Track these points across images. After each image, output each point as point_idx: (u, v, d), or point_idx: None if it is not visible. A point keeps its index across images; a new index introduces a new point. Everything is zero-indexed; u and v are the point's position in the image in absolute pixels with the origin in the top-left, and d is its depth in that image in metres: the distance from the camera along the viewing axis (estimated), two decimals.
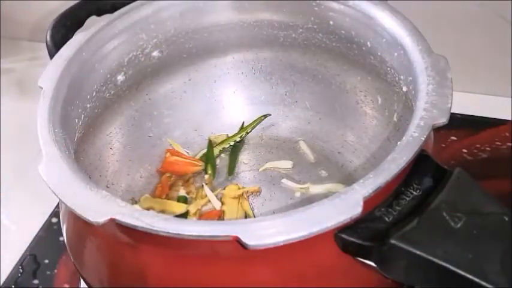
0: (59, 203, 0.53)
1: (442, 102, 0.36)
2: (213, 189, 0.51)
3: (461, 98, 0.45)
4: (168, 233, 0.31)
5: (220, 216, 0.49)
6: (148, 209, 0.47)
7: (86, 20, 0.52)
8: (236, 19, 0.52)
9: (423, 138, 0.34)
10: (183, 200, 0.50)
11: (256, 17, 0.52)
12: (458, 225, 0.31)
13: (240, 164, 0.54)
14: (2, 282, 0.52)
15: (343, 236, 0.32)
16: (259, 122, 0.55)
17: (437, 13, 0.61)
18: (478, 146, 0.59)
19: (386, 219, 0.33)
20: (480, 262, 0.30)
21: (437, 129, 0.36)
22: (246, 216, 0.49)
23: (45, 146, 0.37)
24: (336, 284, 0.34)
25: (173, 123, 0.55)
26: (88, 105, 0.46)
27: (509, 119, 0.61)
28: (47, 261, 0.54)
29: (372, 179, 0.32)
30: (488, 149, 0.58)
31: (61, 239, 0.55)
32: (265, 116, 0.55)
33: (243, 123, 0.56)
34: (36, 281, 0.52)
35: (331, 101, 0.54)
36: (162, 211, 0.48)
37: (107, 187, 0.48)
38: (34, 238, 0.56)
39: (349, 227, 0.32)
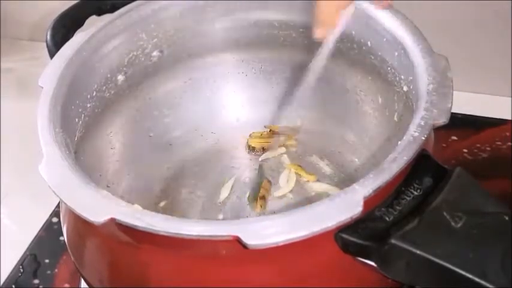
0: (59, 202, 0.53)
1: (442, 102, 0.36)
2: None
3: (461, 98, 0.45)
4: (169, 232, 0.31)
5: None
6: None
7: (86, 20, 0.52)
8: (236, 19, 0.52)
9: (424, 138, 0.34)
10: None
11: (256, 17, 0.52)
12: (459, 224, 0.31)
13: (241, 165, 0.54)
14: (2, 282, 0.52)
15: (344, 235, 0.32)
16: None
17: (438, 13, 0.61)
18: (478, 145, 0.59)
19: (387, 219, 0.33)
20: (480, 262, 0.30)
21: (437, 129, 0.36)
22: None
23: (46, 146, 0.37)
24: (336, 284, 0.34)
25: (173, 123, 0.55)
26: (88, 105, 0.46)
27: (510, 118, 0.61)
28: (47, 260, 0.54)
29: (372, 179, 0.32)
30: (488, 148, 0.58)
31: (61, 238, 0.55)
32: None
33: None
34: (36, 281, 0.52)
35: (331, 101, 0.54)
36: None
37: (107, 187, 0.48)
38: (34, 238, 0.56)
39: (350, 227, 0.32)
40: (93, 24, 0.47)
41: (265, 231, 0.30)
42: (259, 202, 0.50)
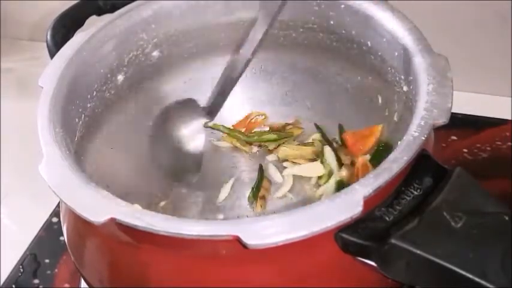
0: (59, 202, 0.53)
1: (442, 102, 0.36)
2: None
3: (461, 98, 0.45)
4: (169, 232, 0.31)
5: None
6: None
7: (86, 20, 0.52)
8: (236, 19, 0.52)
9: (424, 138, 0.34)
10: None
11: (256, 16, 0.52)
12: (459, 224, 0.31)
13: (241, 164, 0.54)
14: (2, 282, 0.52)
15: (344, 235, 0.32)
16: None
17: (437, 13, 0.61)
18: (478, 145, 0.59)
19: (387, 218, 0.33)
20: (480, 262, 0.30)
21: (437, 129, 0.36)
22: None
23: (46, 146, 0.37)
24: (336, 284, 0.34)
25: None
26: (88, 105, 0.46)
27: (510, 118, 0.61)
28: (47, 260, 0.54)
29: (372, 179, 0.32)
30: (488, 148, 0.58)
31: (61, 238, 0.55)
32: None
33: None
34: (36, 281, 0.52)
35: (331, 101, 0.54)
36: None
37: (107, 187, 0.48)
38: (34, 238, 0.56)
39: (350, 227, 0.32)
40: (93, 24, 0.47)
41: (265, 231, 0.30)
42: (259, 202, 0.50)
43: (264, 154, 0.55)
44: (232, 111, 0.56)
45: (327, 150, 0.52)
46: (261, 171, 0.52)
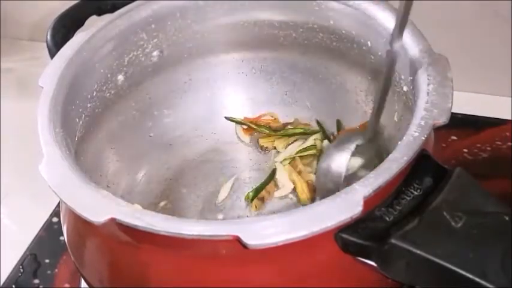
0: (59, 202, 0.53)
1: (442, 102, 0.36)
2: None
3: (461, 98, 0.45)
4: (169, 232, 0.31)
5: None
6: None
7: (86, 20, 0.52)
8: (236, 19, 0.52)
9: (424, 138, 0.34)
10: None
11: (256, 17, 0.52)
12: (459, 224, 0.31)
13: (241, 165, 0.54)
14: (2, 282, 0.52)
15: (344, 235, 0.32)
16: None
17: (437, 13, 0.61)
18: (478, 145, 0.59)
19: (387, 218, 0.33)
20: (480, 262, 0.30)
21: (437, 129, 0.36)
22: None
23: (46, 146, 0.37)
24: (336, 284, 0.34)
25: (173, 123, 0.55)
26: (88, 105, 0.46)
27: (510, 118, 0.61)
28: (47, 260, 0.54)
29: (372, 179, 0.32)
30: (488, 148, 0.58)
31: (61, 238, 0.55)
32: None
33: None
34: (36, 281, 0.52)
35: (331, 101, 0.54)
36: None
37: (107, 187, 0.48)
38: (34, 238, 0.56)
39: (350, 227, 0.32)
40: (93, 24, 0.47)
41: (265, 231, 0.30)
42: (255, 202, 0.49)
43: (264, 154, 0.55)
44: (232, 112, 0.57)
45: None
46: (273, 173, 0.52)
